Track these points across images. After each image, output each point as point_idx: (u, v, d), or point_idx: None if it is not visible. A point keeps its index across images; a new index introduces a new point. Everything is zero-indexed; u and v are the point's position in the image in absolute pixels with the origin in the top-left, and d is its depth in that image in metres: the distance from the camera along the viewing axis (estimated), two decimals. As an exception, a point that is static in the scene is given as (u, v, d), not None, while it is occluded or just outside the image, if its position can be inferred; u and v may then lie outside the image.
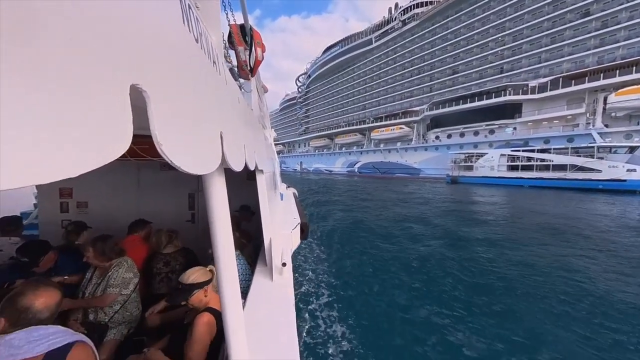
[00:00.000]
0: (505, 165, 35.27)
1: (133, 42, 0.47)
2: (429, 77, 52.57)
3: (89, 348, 1.34)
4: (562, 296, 5.59)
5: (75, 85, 0.35)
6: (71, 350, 1.24)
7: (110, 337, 2.25)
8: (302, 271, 7.01)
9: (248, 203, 4.08)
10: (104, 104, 0.40)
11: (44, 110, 0.31)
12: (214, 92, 0.96)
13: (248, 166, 1.39)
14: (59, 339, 1.26)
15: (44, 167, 0.31)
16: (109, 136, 0.41)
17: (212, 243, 1.26)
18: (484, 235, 10.62)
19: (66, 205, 4.15)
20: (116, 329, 2.30)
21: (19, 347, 1.18)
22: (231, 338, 1.31)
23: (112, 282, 2.31)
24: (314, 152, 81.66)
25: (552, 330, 4.54)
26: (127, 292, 2.37)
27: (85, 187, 4.12)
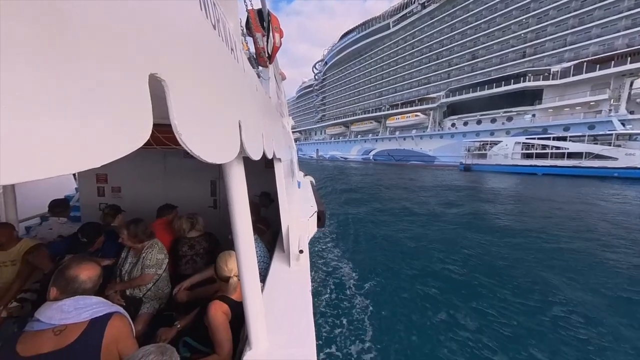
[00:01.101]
0: (520, 153, 34.31)
1: (150, 30, 0.46)
2: (447, 63, 50.44)
3: (126, 319, 1.46)
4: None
5: (96, 78, 0.35)
6: (111, 319, 1.36)
7: (144, 311, 2.41)
8: (319, 257, 7.03)
9: (267, 190, 4.10)
10: (125, 94, 0.40)
11: (71, 103, 0.31)
12: (232, 81, 0.94)
13: (266, 155, 1.38)
14: (101, 309, 1.39)
15: (71, 158, 0.31)
16: (131, 126, 0.41)
17: (231, 229, 1.28)
18: (489, 220, 10.60)
19: (102, 189, 4.37)
20: (149, 304, 2.47)
21: (68, 312, 1.31)
22: (250, 319, 1.34)
23: (147, 262, 2.48)
24: (330, 139, 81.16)
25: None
26: (160, 272, 2.53)
27: (118, 174, 4.32)
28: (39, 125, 0.28)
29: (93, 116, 0.34)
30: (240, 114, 0.95)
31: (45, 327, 1.26)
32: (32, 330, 1.26)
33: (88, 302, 1.38)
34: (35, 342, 1.22)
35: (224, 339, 1.65)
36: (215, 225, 3.42)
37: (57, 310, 1.30)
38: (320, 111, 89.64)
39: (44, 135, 0.28)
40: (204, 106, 0.66)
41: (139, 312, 2.39)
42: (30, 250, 2.59)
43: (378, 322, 4.40)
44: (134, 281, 2.46)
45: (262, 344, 1.37)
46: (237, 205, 1.27)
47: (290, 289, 2.03)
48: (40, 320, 1.27)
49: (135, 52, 0.42)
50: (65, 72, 0.31)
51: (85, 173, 4.32)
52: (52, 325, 1.26)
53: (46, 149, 0.29)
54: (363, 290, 5.35)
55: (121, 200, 4.17)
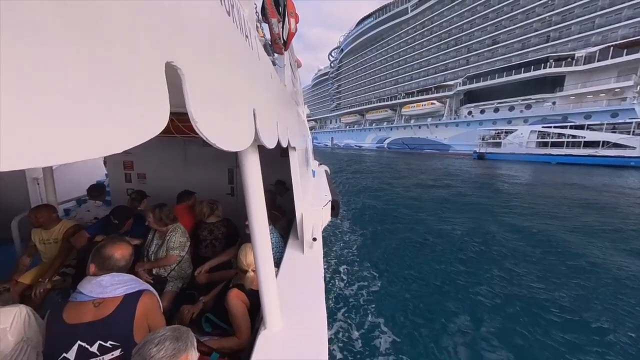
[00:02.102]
0: (535, 142, 33.04)
1: (165, 17, 0.45)
2: (466, 49, 48.00)
3: (155, 296, 1.58)
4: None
5: (113, 66, 0.35)
6: (142, 296, 1.48)
7: (168, 289, 2.55)
8: (331, 245, 7.02)
9: (282, 179, 4.11)
10: (142, 83, 0.40)
11: (90, 92, 0.32)
12: (247, 68, 0.92)
13: (281, 143, 1.36)
14: (134, 286, 1.51)
15: (91, 144, 0.32)
16: (148, 114, 0.41)
17: (247, 215, 1.31)
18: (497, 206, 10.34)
19: (129, 176, 4.52)
20: (173, 283, 2.61)
21: (106, 287, 1.43)
22: (265, 301, 1.39)
23: (171, 245, 2.62)
24: (344, 128, 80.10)
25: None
26: (183, 253, 2.68)
27: (143, 161, 4.45)
28: (63, 112, 0.29)
29: (111, 104, 0.34)
30: (255, 102, 0.94)
31: (86, 299, 1.39)
32: (75, 300, 1.40)
33: (122, 279, 1.50)
34: (78, 312, 1.36)
35: (243, 325, 1.73)
36: (232, 212, 3.47)
37: (96, 284, 1.42)
38: (335, 99, 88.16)
39: (67, 122, 0.29)
40: (219, 94, 0.66)
41: (164, 290, 2.53)
42: (69, 230, 2.79)
43: (389, 307, 4.42)
44: (160, 261, 2.62)
45: (276, 325, 1.42)
46: (252, 193, 1.28)
47: (303, 274, 2.04)
48: (82, 292, 1.40)
49: (151, 40, 0.41)
50: (83, 60, 0.31)
51: (114, 160, 4.52)
52: (92, 298, 1.39)
53: (69, 135, 0.29)
54: (375, 276, 5.38)
55: (146, 186, 4.33)
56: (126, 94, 0.37)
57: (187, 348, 0.97)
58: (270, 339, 1.36)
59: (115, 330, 1.35)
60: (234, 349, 1.68)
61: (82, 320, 1.33)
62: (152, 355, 0.90)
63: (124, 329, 1.37)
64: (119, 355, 1.34)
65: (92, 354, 1.30)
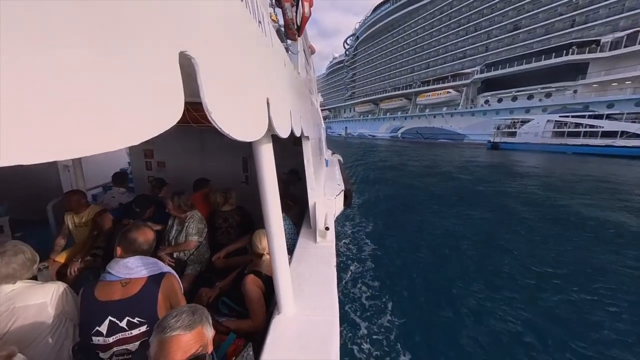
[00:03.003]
0: (551, 131, 31.87)
1: (177, 5, 0.44)
2: (486, 35, 45.50)
3: (176, 278, 1.67)
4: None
5: (127, 60, 0.34)
6: (164, 277, 1.58)
7: (188, 272, 2.68)
8: (344, 235, 7.01)
9: (294, 168, 4.08)
10: (156, 74, 0.39)
11: (104, 85, 0.31)
12: (260, 56, 0.88)
13: (294, 132, 1.33)
14: (156, 268, 1.61)
15: (106, 137, 0.32)
16: (163, 106, 0.40)
17: (261, 204, 1.32)
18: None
19: (149, 164, 4.67)
20: (192, 266, 2.74)
21: (131, 268, 1.54)
22: (279, 287, 1.42)
23: (190, 231, 2.74)
24: (358, 117, 78.91)
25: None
26: (201, 239, 2.80)
27: (163, 150, 4.57)
28: (82, 108, 0.29)
29: (126, 98, 0.34)
30: (269, 91, 0.91)
31: (115, 279, 1.50)
32: (105, 280, 1.51)
33: (146, 262, 1.61)
34: (107, 290, 1.47)
35: (258, 310, 1.79)
36: (247, 200, 3.48)
37: (123, 266, 1.53)
38: (350, 88, 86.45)
39: (87, 117, 0.30)
40: (233, 83, 0.64)
41: (184, 272, 2.66)
42: (98, 214, 2.96)
43: (399, 295, 4.46)
44: (180, 246, 2.75)
45: (289, 310, 1.44)
46: (266, 182, 1.27)
47: (315, 263, 2.02)
48: (111, 272, 1.52)
49: (164, 30, 0.40)
50: (98, 53, 0.30)
51: (135, 149, 4.65)
52: (119, 278, 1.50)
53: (90, 130, 0.30)
54: (387, 264, 5.41)
55: (165, 174, 4.45)
56: (140, 86, 0.36)
57: (202, 321, 1.02)
58: (284, 323, 1.39)
59: (141, 308, 1.46)
60: (249, 331, 1.75)
61: (111, 297, 1.45)
62: (171, 325, 0.96)
63: (149, 307, 1.47)
64: (145, 330, 1.45)
65: (121, 328, 1.42)
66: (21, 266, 1.48)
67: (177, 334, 0.94)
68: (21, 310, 1.42)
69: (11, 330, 1.39)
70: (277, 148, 1.29)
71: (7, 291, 1.44)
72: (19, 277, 1.48)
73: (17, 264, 1.47)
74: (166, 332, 0.95)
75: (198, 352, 0.95)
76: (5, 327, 1.39)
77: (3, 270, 1.43)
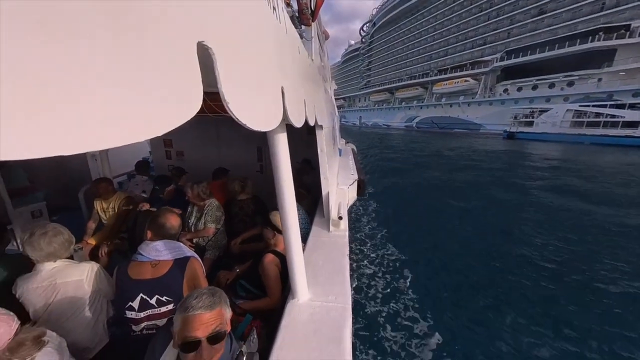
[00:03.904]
0: (570, 121, 30.80)
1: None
2: (509, 20, 42.98)
3: (199, 262, 1.78)
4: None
5: (147, 49, 0.34)
6: (189, 261, 1.68)
7: (207, 257, 2.82)
8: (357, 224, 6.95)
9: (308, 157, 4.08)
10: (175, 66, 0.38)
11: (125, 76, 0.31)
12: (275, 44, 0.85)
13: (308, 122, 1.31)
14: (182, 252, 1.73)
15: (129, 129, 0.32)
16: (183, 96, 0.40)
17: (276, 192, 1.35)
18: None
19: (169, 153, 4.83)
20: (211, 251, 2.88)
21: (160, 251, 1.65)
22: (294, 273, 1.46)
23: (209, 218, 2.86)
24: (373, 106, 77.39)
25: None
26: (219, 226, 2.92)
27: (181, 140, 4.71)
28: (105, 101, 0.29)
29: (148, 88, 0.34)
30: (283, 80, 0.88)
31: (145, 260, 1.62)
32: (136, 260, 1.64)
33: (173, 245, 1.72)
34: (139, 270, 1.60)
35: (275, 287, 1.86)
36: (261, 189, 3.55)
37: (152, 248, 1.65)
38: (365, 77, 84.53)
39: (108, 110, 0.30)
40: (249, 73, 0.63)
41: (203, 257, 2.78)
42: (124, 200, 3.13)
43: (417, 284, 4.39)
44: (199, 232, 2.88)
45: (303, 296, 1.48)
46: (281, 171, 1.28)
47: (329, 251, 2.01)
48: (142, 254, 1.64)
49: (181, 20, 0.40)
50: (118, 45, 0.30)
51: (155, 139, 4.78)
52: (149, 259, 1.62)
53: (112, 122, 0.30)
54: (400, 254, 5.37)
55: (184, 163, 4.57)
56: (160, 77, 0.36)
57: (220, 303, 1.08)
58: (298, 308, 1.42)
59: (169, 287, 1.58)
60: (266, 309, 1.84)
61: (143, 276, 1.58)
62: (193, 305, 1.02)
63: (176, 287, 1.59)
64: (172, 308, 1.58)
65: (151, 305, 1.55)
66: (61, 246, 1.62)
67: (200, 313, 1.01)
68: (61, 285, 1.58)
69: (53, 303, 1.55)
70: (290, 137, 1.28)
71: (49, 268, 1.59)
72: (59, 255, 1.63)
73: (58, 244, 1.61)
74: (189, 311, 1.01)
75: (218, 329, 1.03)
76: (49, 300, 1.55)
77: (45, 249, 1.57)
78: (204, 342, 1.00)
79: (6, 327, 1.05)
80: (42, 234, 1.57)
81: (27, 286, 1.54)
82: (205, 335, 1.00)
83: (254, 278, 2.03)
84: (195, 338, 0.99)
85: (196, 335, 0.99)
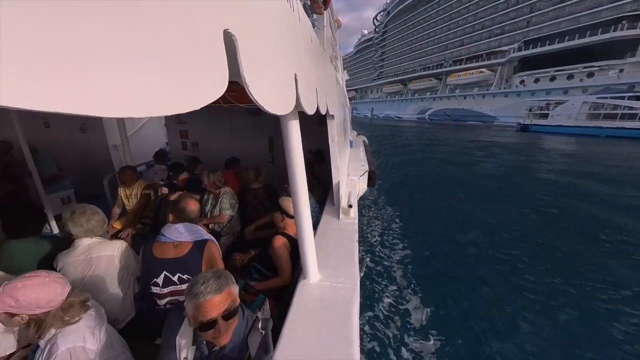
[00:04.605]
0: (586, 113, 29.67)
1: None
2: (528, 8, 41.07)
3: (216, 245, 1.91)
4: None
5: (178, 35, 0.37)
6: (207, 244, 1.81)
7: (222, 242, 2.95)
8: (367, 215, 6.98)
9: (319, 148, 4.09)
10: (205, 51, 0.41)
11: (159, 59, 0.34)
12: (288, 32, 0.87)
13: (320, 110, 1.31)
14: (201, 235, 1.86)
15: (161, 103, 0.34)
16: (210, 80, 0.42)
17: (288, 179, 1.38)
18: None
19: (185, 144, 4.97)
20: (225, 237, 3.02)
21: (181, 233, 1.79)
22: (305, 255, 1.49)
23: (224, 205, 3.01)
24: (385, 98, 75.93)
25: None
26: (233, 213, 3.06)
27: (196, 130, 4.83)
28: (134, 74, 0.31)
29: (179, 67, 0.37)
30: (296, 67, 0.90)
31: (168, 241, 1.76)
32: (160, 241, 1.78)
33: (193, 229, 1.85)
34: (163, 249, 1.74)
35: (285, 266, 1.98)
36: (273, 179, 3.58)
37: (174, 230, 1.79)
38: (378, 68, 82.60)
39: (142, 83, 0.32)
40: (266, 59, 0.65)
41: (219, 242, 2.89)
42: (145, 188, 3.31)
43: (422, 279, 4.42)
44: (215, 218, 3.03)
45: (314, 276, 1.51)
46: (293, 157, 1.29)
47: (338, 237, 2.02)
48: (165, 235, 1.78)
49: (210, 8, 0.42)
50: (157, 30, 0.33)
51: (172, 129, 4.93)
52: (172, 240, 1.76)
53: (145, 95, 0.32)
54: (409, 247, 5.42)
55: (199, 153, 4.71)
56: (191, 61, 0.39)
57: (228, 284, 1.12)
58: (308, 287, 1.46)
59: (189, 267, 1.72)
60: (277, 287, 1.97)
61: (166, 256, 1.72)
62: (202, 291, 1.04)
63: (195, 267, 1.72)
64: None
65: (173, 282, 1.70)
66: (97, 223, 1.80)
67: (210, 298, 1.06)
68: (95, 260, 1.75)
69: (88, 276, 1.72)
70: (302, 128, 1.28)
71: (87, 243, 1.77)
72: (95, 232, 1.80)
73: (95, 222, 1.78)
74: (199, 297, 1.04)
75: (229, 306, 1.11)
76: (84, 273, 1.72)
77: (85, 225, 1.74)
78: (220, 320, 1.07)
79: (61, 289, 1.19)
80: (81, 212, 1.75)
81: (66, 260, 1.72)
82: (219, 315, 1.07)
83: (267, 261, 2.15)
84: (211, 319, 1.06)
85: (211, 316, 1.05)
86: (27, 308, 1.10)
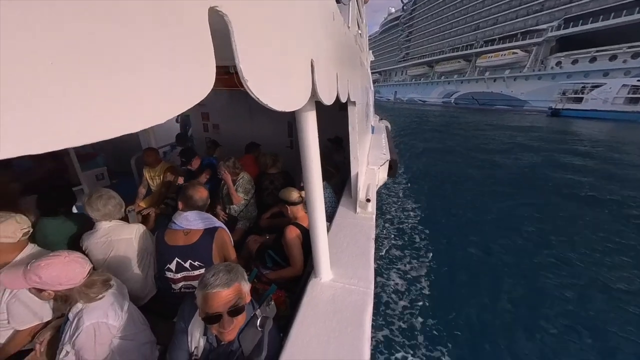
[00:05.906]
0: (624, 97, 26.90)
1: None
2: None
3: (227, 233, 1.90)
4: None
5: (151, 21, 0.28)
6: (217, 231, 1.80)
7: (238, 227, 2.98)
8: (387, 208, 6.66)
9: (338, 133, 3.89)
10: (183, 38, 0.31)
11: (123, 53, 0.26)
12: (304, 10, 0.72)
13: (340, 98, 1.16)
14: (212, 222, 1.84)
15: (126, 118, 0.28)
16: (193, 75, 0.34)
17: (302, 170, 1.28)
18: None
19: (206, 126, 4.94)
20: (242, 222, 3.04)
21: (190, 220, 1.79)
22: (318, 252, 1.41)
23: (239, 189, 2.99)
24: (410, 81, 72.20)
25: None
26: (248, 197, 3.04)
27: (217, 113, 4.76)
28: (114, 83, 0.25)
29: (151, 68, 0.28)
30: (313, 52, 0.76)
31: (179, 228, 1.77)
32: (171, 228, 1.79)
33: (203, 216, 1.85)
34: (174, 237, 1.76)
35: (297, 257, 1.96)
36: (291, 164, 3.43)
37: (184, 218, 1.79)
38: (404, 49, 77.69)
39: (110, 95, 0.26)
40: (272, 44, 0.53)
41: (236, 227, 2.95)
42: (168, 169, 3.36)
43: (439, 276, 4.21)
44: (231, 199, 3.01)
45: (326, 275, 1.44)
46: (307, 149, 1.21)
47: (354, 233, 1.91)
48: (175, 223, 1.78)
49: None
50: (110, 12, 0.24)
51: (194, 112, 4.81)
52: (182, 228, 1.77)
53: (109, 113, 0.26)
54: (428, 242, 5.18)
55: (219, 136, 4.64)
56: (166, 53, 0.29)
57: (237, 278, 1.10)
58: (319, 287, 1.39)
59: (199, 254, 1.72)
60: (289, 277, 1.95)
61: (177, 243, 1.74)
62: (210, 282, 1.04)
63: (206, 254, 1.73)
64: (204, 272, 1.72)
65: (185, 268, 1.72)
66: (114, 208, 1.83)
67: (217, 291, 1.05)
68: (115, 242, 1.79)
69: (110, 258, 1.78)
70: (320, 113, 1.17)
71: (106, 227, 1.81)
72: (113, 216, 1.84)
73: (112, 206, 1.82)
74: (207, 289, 1.03)
75: (236, 303, 1.08)
76: (106, 255, 1.78)
77: (102, 210, 1.78)
78: (225, 315, 1.05)
79: (80, 268, 1.24)
80: (97, 197, 1.78)
81: (90, 241, 1.78)
82: (225, 310, 1.05)
83: (282, 250, 2.12)
84: (216, 312, 1.04)
85: (217, 310, 1.04)
86: (50, 285, 1.17)
